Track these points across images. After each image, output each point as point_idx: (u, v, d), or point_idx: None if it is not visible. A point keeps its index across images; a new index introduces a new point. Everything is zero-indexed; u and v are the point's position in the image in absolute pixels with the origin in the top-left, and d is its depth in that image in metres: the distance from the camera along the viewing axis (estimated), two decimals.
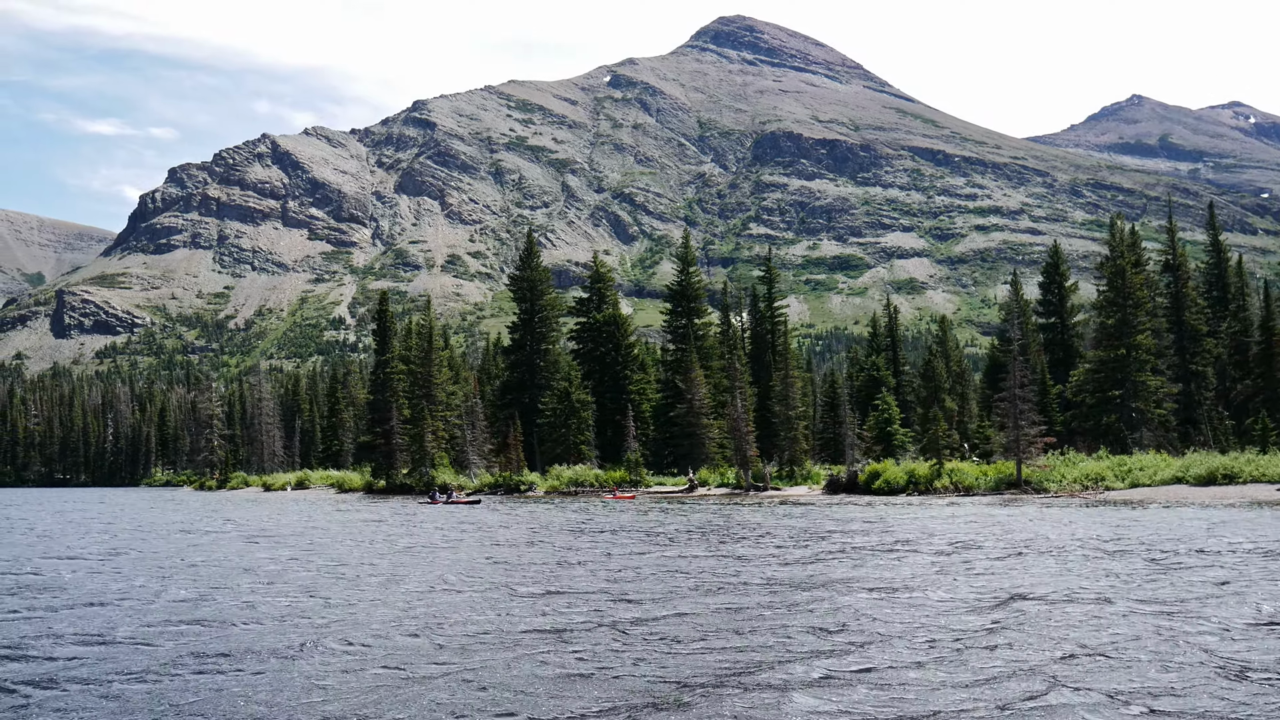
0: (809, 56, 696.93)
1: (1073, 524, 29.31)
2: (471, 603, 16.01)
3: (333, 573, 20.69)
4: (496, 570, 20.52)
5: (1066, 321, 76.36)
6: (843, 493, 54.37)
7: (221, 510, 55.69)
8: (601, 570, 19.96)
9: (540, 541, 27.73)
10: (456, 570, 20.66)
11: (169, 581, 19.68)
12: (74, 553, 26.75)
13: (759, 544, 25.32)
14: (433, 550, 25.59)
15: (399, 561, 22.75)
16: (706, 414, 69.19)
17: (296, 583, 19.13)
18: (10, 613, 15.79)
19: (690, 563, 21.05)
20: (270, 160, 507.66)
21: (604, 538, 27.89)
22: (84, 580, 19.92)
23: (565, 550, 24.54)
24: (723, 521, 34.83)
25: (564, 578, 18.92)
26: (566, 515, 39.79)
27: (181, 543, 30.38)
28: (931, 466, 50.44)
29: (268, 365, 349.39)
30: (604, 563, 21.33)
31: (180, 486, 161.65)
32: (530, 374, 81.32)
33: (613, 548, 24.81)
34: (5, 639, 13.52)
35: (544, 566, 20.92)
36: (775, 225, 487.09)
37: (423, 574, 20.17)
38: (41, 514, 54.00)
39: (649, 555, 22.87)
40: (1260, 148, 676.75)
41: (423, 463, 71.57)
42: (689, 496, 58.61)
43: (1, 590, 18.60)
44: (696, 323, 79.24)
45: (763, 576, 18.54)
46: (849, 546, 23.91)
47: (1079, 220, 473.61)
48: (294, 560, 23.61)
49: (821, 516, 36.47)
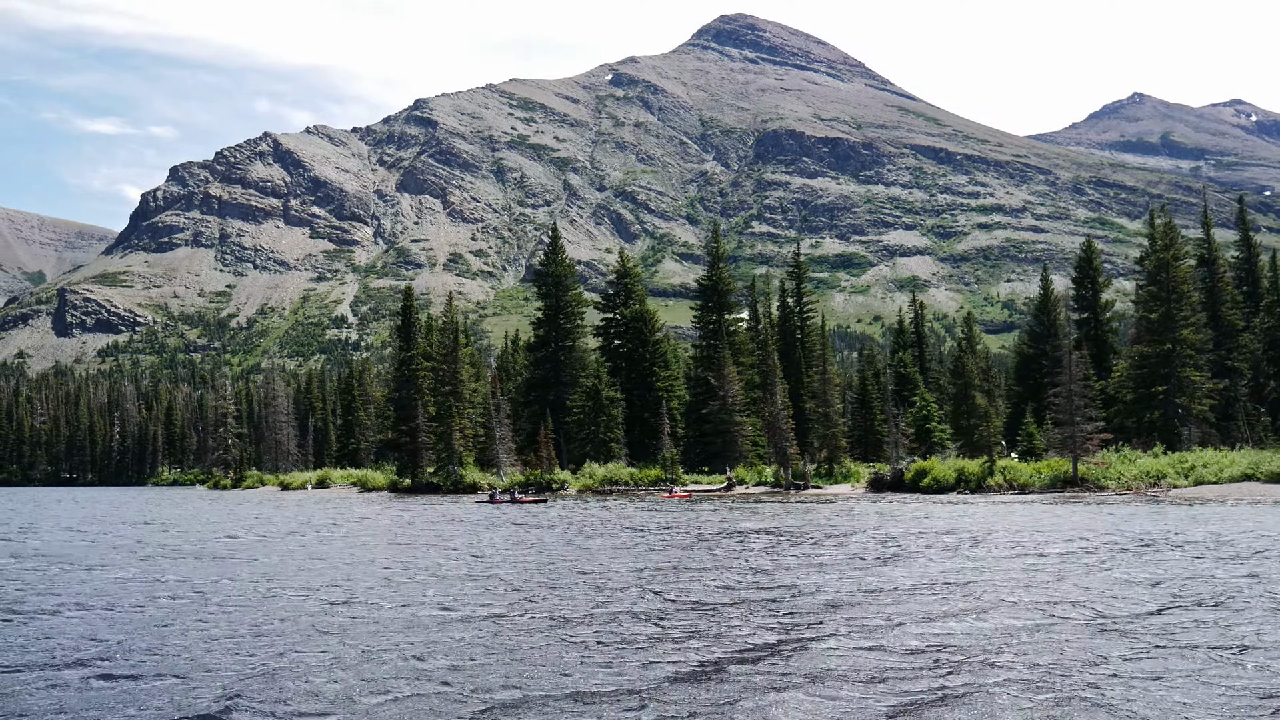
0: (811, 55, 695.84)
1: (1169, 522, 28.32)
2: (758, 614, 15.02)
3: (562, 580, 18.73)
4: (695, 577, 19.00)
5: (1100, 317, 75.34)
6: (887, 491, 53.30)
7: (270, 509, 54.59)
8: (805, 581, 18.53)
9: (688, 545, 25.07)
10: (669, 580, 18.45)
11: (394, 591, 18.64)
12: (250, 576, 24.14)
13: (876, 549, 24.32)
14: (590, 554, 23.77)
15: (589, 566, 20.91)
16: (739, 411, 68.09)
17: (536, 598, 17.41)
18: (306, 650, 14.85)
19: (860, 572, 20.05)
20: (272, 159, 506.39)
21: (732, 542, 26.26)
22: (314, 605, 16.85)
23: (734, 556, 22.27)
24: (798, 523, 33.87)
25: (785, 589, 17.08)
26: (647, 515, 37.97)
27: (292, 543, 29.41)
28: (982, 464, 49.45)
29: (270, 364, 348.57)
30: (793, 571, 20.00)
31: (189, 486, 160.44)
32: (555, 370, 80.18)
33: (762, 554, 23.47)
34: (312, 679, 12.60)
35: (744, 574, 19.08)
36: (777, 223, 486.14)
37: (628, 582, 18.17)
38: (102, 517, 52.96)
39: (803, 561, 21.86)
40: (1262, 145, 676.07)
41: (450, 461, 70.43)
42: (729, 495, 57.46)
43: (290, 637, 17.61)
44: (726, 318, 78.03)
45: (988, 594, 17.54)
46: (982, 556, 22.91)
47: (1082, 218, 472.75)
48: (480, 566, 21.60)
49: (891, 517, 35.50)
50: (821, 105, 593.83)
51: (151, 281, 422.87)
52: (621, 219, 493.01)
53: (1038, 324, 78.35)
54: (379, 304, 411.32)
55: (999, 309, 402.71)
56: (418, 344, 78.22)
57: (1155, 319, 60.75)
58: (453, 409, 69.78)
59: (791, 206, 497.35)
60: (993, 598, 15.25)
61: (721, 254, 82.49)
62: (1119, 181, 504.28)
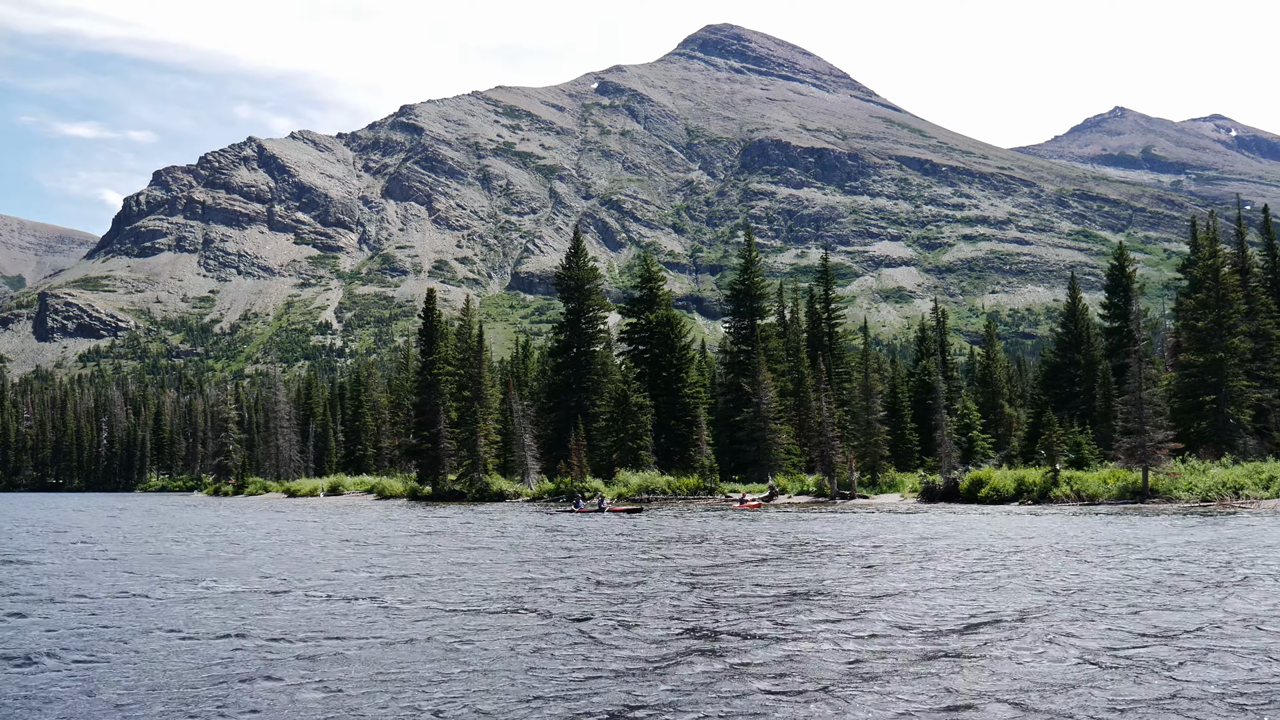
0: (796, 65, 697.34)
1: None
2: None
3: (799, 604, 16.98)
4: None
5: (1131, 325, 74.19)
6: (940, 501, 51.89)
7: (313, 519, 52.76)
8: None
9: (858, 563, 22.82)
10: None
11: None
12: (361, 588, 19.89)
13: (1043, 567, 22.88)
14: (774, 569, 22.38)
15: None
16: (774, 418, 66.61)
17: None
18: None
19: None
20: (256, 164, 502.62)
21: (901, 559, 24.87)
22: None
23: (954, 575, 20.16)
24: (900, 534, 32.52)
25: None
26: (750, 528, 35.87)
27: (437, 565, 27.75)
28: (1045, 474, 48.15)
29: (254, 370, 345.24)
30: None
31: (180, 492, 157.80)
32: (576, 376, 78.42)
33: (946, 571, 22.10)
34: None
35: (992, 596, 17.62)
36: (763, 233, 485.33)
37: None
38: (130, 530, 51.06)
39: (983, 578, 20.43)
40: (1242, 160, 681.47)
41: (475, 468, 68.63)
42: (772, 505, 55.92)
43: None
44: (759, 323, 76.50)
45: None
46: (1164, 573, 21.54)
47: (1066, 230, 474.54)
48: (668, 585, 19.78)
49: (984, 530, 34.14)
50: (807, 115, 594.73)
51: (134, 286, 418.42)
52: (607, 227, 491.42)
53: (1066, 333, 77.26)
54: (364, 311, 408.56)
55: (984, 320, 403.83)
56: (439, 348, 76.33)
57: (1203, 327, 59.76)
58: (478, 414, 68.02)
59: (777, 216, 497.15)
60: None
61: (754, 258, 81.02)
62: (1102, 195, 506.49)
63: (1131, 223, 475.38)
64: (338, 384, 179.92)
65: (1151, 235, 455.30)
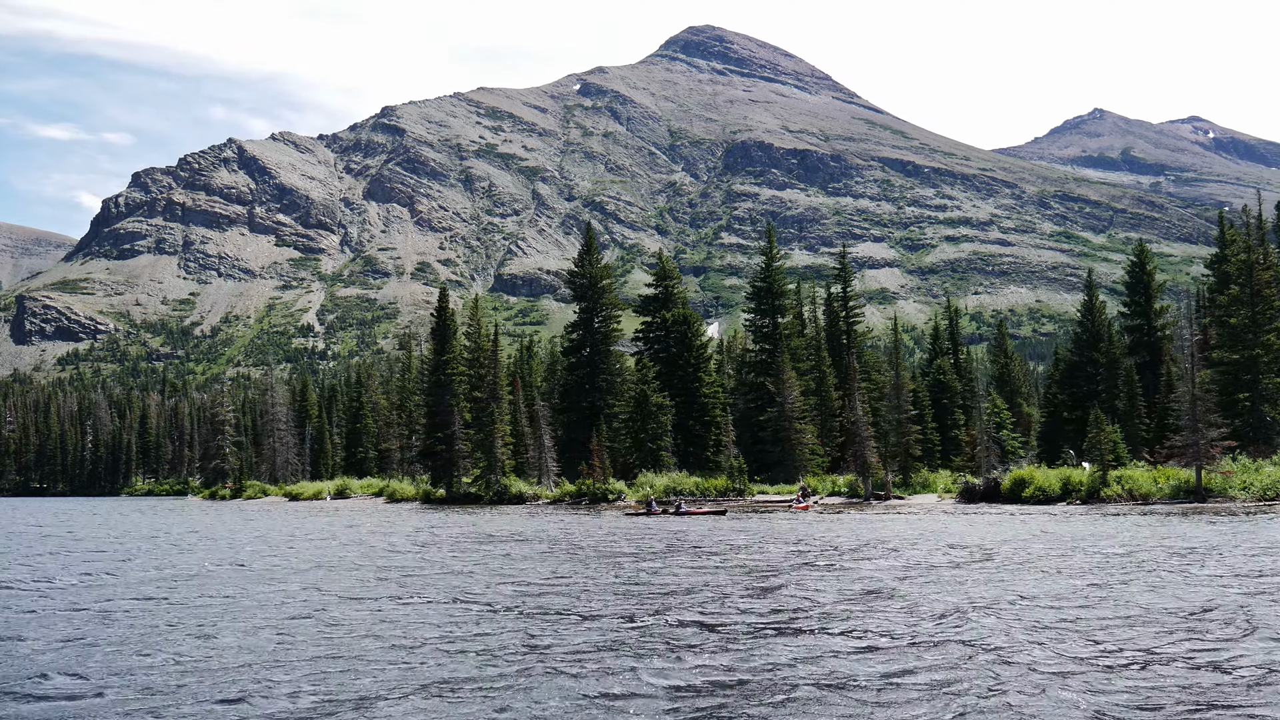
0: (778, 67, 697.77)
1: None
2: None
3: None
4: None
5: (1154, 323, 73.29)
6: (981, 502, 50.67)
7: (366, 524, 51.03)
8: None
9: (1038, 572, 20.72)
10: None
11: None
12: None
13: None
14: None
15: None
16: (799, 418, 65.29)
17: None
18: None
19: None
20: (237, 165, 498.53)
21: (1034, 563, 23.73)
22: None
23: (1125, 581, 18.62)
24: (984, 536, 31.30)
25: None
26: (835, 529, 34.28)
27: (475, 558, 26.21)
28: (1093, 473, 47.03)
29: (235, 373, 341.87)
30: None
31: (164, 496, 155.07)
32: (591, 376, 76.89)
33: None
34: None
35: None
36: (747, 234, 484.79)
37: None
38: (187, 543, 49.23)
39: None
40: (1219, 162, 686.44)
41: (491, 470, 66.98)
42: (816, 506, 54.40)
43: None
44: (780, 321, 75.05)
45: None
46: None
47: (1048, 231, 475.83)
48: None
49: (1066, 531, 32.92)
50: (789, 117, 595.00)
51: (113, 289, 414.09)
52: (590, 229, 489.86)
53: (1084, 331, 76.18)
54: (345, 313, 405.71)
55: (967, 321, 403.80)
56: (453, 347, 74.64)
57: (1236, 324, 58.86)
58: (494, 415, 66.42)
59: (760, 218, 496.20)
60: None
61: (775, 254, 79.69)
62: (1083, 196, 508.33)
63: (1113, 224, 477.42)
64: (327, 386, 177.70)
65: (1132, 236, 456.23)
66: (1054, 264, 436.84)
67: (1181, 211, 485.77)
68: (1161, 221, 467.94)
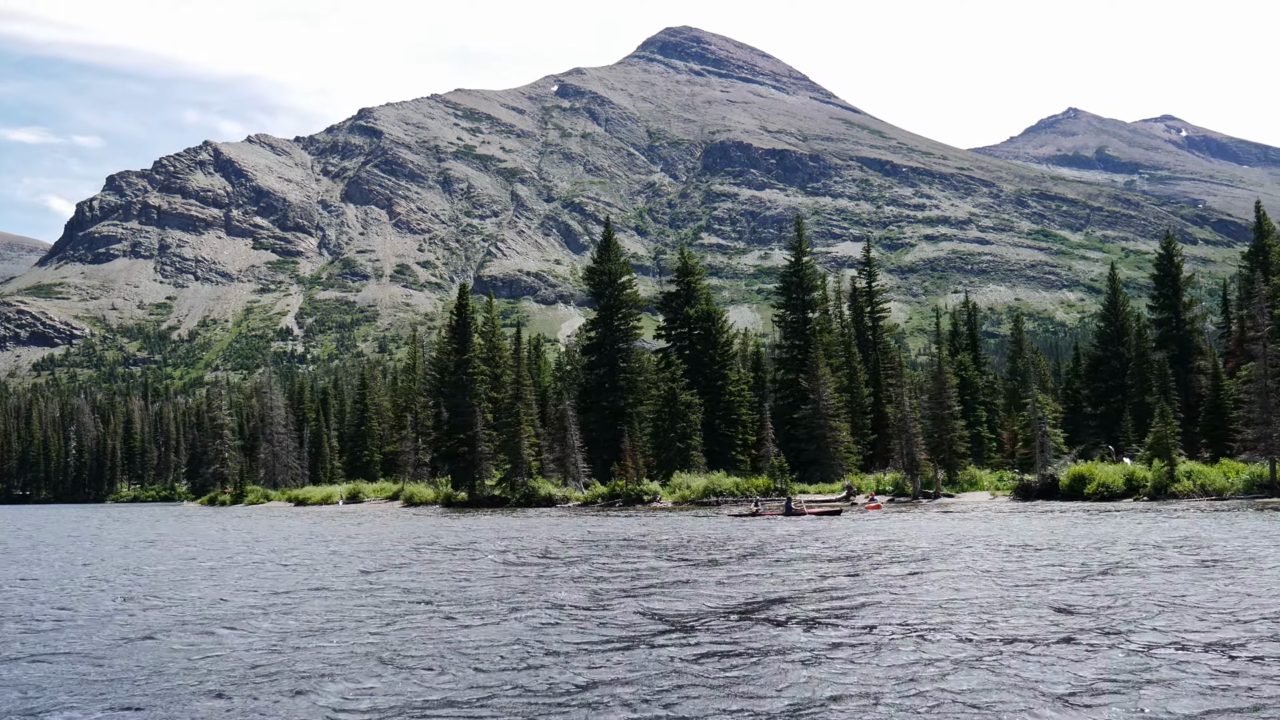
0: (755, 67, 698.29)
1: None
2: None
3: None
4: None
5: (1182, 315, 72.67)
6: (1038, 499, 49.58)
7: (395, 532, 49.43)
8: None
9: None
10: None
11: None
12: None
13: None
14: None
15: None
16: (834, 415, 64.23)
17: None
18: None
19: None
20: (213, 168, 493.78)
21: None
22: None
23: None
24: (1086, 534, 30.29)
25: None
26: (979, 527, 32.65)
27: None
28: (1159, 469, 46.16)
29: (213, 377, 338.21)
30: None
31: (152, 503, 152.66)
32: (610, 374, 75.43)
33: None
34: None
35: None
36: (726, 235, 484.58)
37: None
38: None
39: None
40: (1193, 160, 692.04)
41: (517, 472, 65.51)
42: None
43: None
44: (810, 316, 73.94)
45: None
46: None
47: (1025, 230, 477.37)
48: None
49: (1162, 530, 31.94)
50: (767, 117, 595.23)
51: (88, 293, 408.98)
52: (570, 230, 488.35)
53: (1108, 326, 75.45)
54: (325, 316, 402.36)
55: (947, 321, 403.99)
56: (474, 346, 73.13)
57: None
58: (520, 415, 65.02)
59: (740, 218, 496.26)
60: None
61: (804, 246, 78.56)
62: (1060, 194, 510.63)
63: (1090, 222, 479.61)
64: (319, 388, 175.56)
65: (1110, 234, 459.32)
66: (1032, 262, 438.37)
67: (1158, 209, 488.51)
68: (1138, 219, 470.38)
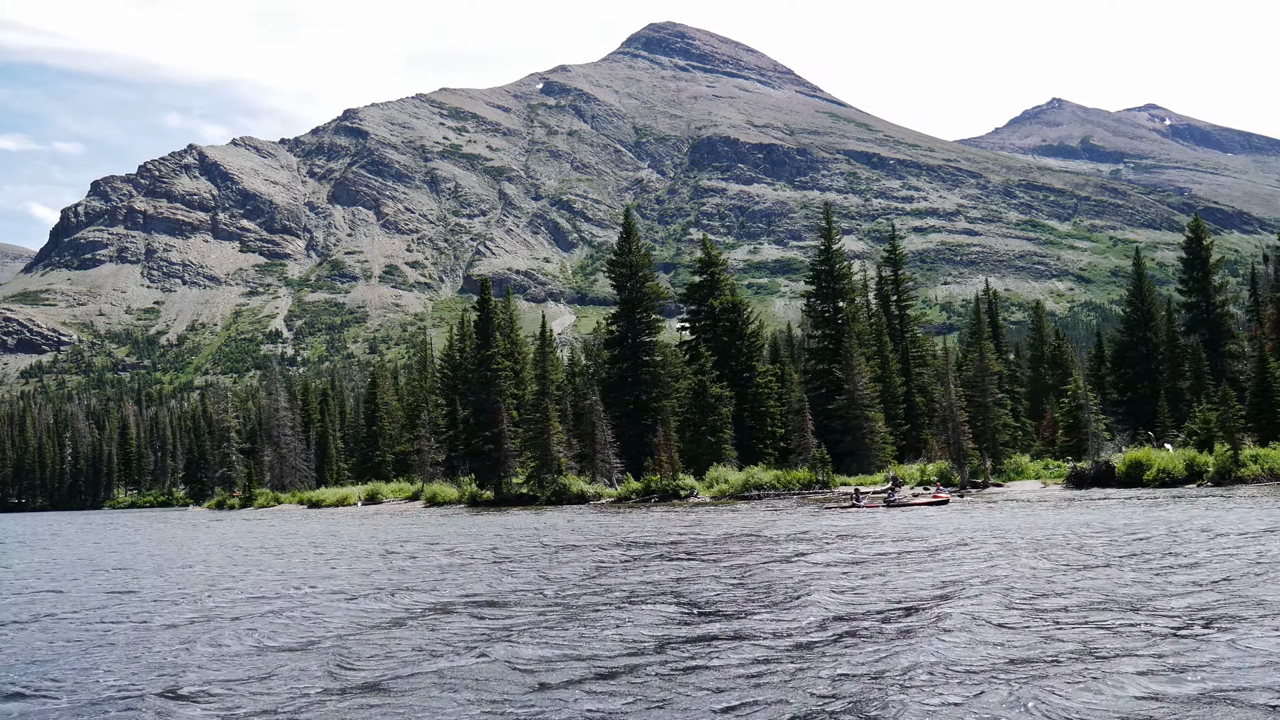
0: (740, 62, 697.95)
1: None
2: None
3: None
4: None
5: (1213, 300, 71.97)
6: (1092, 487, 48.55)
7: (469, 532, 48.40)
8: None
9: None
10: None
11: None
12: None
13: None
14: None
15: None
16: (869, 405, 63.47)
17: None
18: None
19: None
20: (198, 171, 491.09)
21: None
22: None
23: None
24: (1183, 522, 29.47)
25: None
26: (1078, 517, 31.43)
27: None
28: (1221, 453, 45.59)
29: (203, 381, 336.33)
30: None
31: (151, 508, 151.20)
32: (633, 369, 74.19)
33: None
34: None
35: None
36: (715, 230, 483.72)
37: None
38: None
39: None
40: (1177, 149, 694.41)
41: (546, 468, 64.40)
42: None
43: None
44: (842, 305, 73.03)
45: None
46: None
47: (1014, 220, 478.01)
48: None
49: (1261, 518, 30.95)
50: (754, 112, 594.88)
51: (75, 299, 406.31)
52: (559, 228, 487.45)
53: (1134, 310, 74.64)
54: (314, 318, 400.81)
55: (937, 311, 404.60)
56: (498, 342, 72.09)
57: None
58: (549, 410, 63.99)
59: (729, 213, 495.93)
60: None
61: (834, 233, 77.61)
62: (1047, 185, 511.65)
63: (1077, 211, 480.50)
64: (317, 389, 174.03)
65: (1097, 223, 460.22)
66: (1021, 253, 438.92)
67: (1144, 198, 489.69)
68: (1125, 208, 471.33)
